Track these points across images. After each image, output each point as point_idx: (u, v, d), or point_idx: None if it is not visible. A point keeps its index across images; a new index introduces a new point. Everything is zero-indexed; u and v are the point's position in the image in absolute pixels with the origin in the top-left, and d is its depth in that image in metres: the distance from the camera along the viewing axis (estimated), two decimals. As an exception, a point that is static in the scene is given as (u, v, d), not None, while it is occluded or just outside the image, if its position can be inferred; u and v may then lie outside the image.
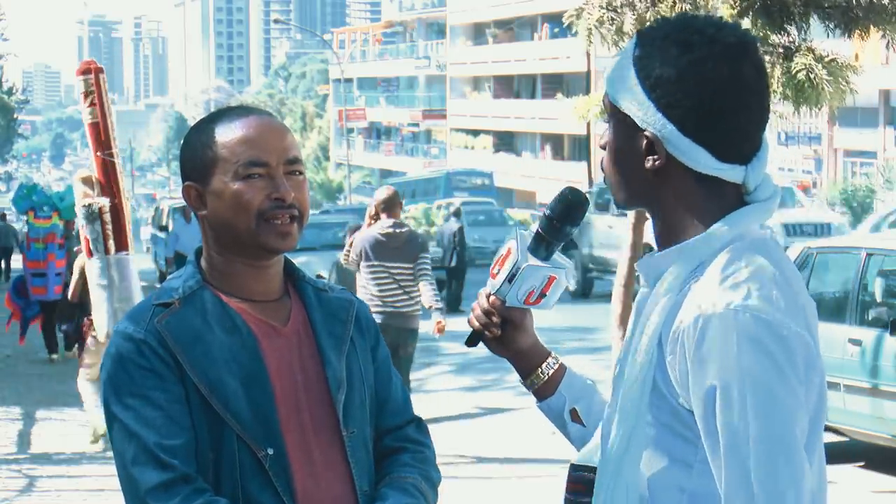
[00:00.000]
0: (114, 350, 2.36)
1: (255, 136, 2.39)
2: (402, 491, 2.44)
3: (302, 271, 2.54)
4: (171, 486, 2.27)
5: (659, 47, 2.05)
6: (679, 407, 2.00)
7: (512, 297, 2.30)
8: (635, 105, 2.05)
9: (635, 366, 2.03)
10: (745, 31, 2.10)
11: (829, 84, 10.53)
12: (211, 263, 2.45)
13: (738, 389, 1.91)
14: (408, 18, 76.71)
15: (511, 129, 61.53)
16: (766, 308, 1.94)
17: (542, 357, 2.40)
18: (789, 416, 1.93)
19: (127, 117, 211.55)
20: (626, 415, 2.03)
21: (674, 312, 2.00)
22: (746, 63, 2.04)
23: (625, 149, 2.08)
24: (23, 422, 11.69)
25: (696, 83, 2.01)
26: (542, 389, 2.39)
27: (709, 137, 2.02)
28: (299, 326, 2.45)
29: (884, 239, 10.32)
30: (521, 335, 2.36)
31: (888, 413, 8.86)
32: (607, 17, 11.05)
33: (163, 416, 2.30)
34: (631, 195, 2.12)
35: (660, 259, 2.08)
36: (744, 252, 2.00)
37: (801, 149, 46.34)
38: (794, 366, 1.94)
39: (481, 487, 8.75)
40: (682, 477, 2.02)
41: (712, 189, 2.05)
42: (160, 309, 2.38)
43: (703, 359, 1.93)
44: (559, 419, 2.39)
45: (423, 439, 2.57)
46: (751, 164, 2.06)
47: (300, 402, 2.40)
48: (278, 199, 2.37)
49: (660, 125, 2.03)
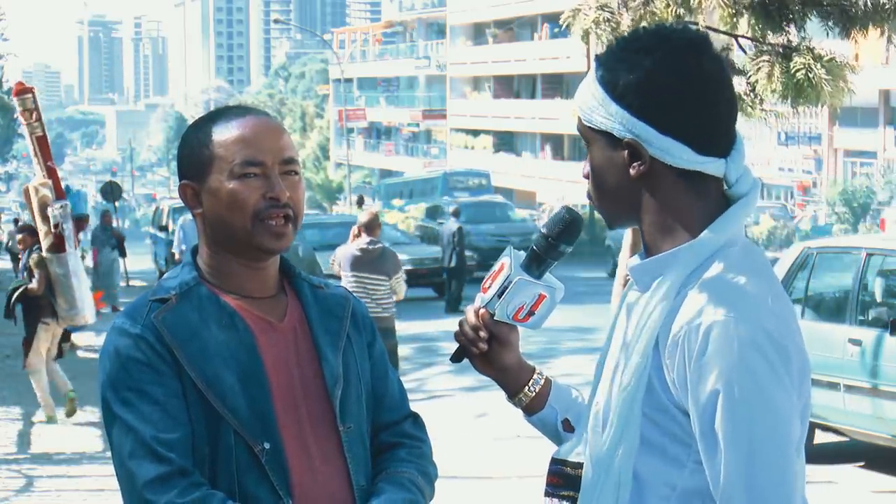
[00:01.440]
0: (111, 346, 2.37)
1: (251, 135, 2.40)
2: (399, 486, 2.45)
3: (297, 268, 2.55)
4: (167, 480, 2.27)
5: (619, 59, 2.12)
6: (674, 408, 2.05)
7: (501, 311, 2.31)
8: (609, 118, 2.11)
9: (629, 367, 2.08)
10: (696, 30, 2.17)
11: (828, 83, 10.54)
12: (207, 261, 2.46)
13: (740, 392, 1.98)
14: (408, 18, 76.73)
15: (511, 129, 61.56)
16: (765, 316, 2.01)
17: (528, 374, 2.42)
18: (785, 420, 2.00)
19: (127, 117, 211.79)
20: (620, 413, 2.08)
21: (671, 317, 2.05)
22: (706, 57, 2.11)
23: (608, 165, 2.14)
24: (23, 422, 11.69)
25: (664, 80, 2.08)
26: (531, 405, 2.42)
27: (686, 132, 2.08)
28: (296, 323, 2.46)
29: (884, 239, 10.32)
30: (506, 352, 2.37)
31: (888, 413, 8.86)
32: (603, 17, 11.07)
33: (160, 411, 2.31)
34: (620, 211, 2.17)
35: (652, 264, 2.13)
36: (738, 260, 2.07)
37: (801, 149, 46.37)
38: (790, 373, 2.02)
39: (481, 487, 8.76)
40: (673, 475, 2.07)
41: (696, 188, 2.11)
42: (157, 305, 2.39)
43: (706, 364, 1.99)
44: (552, 431, 2.42)
45: (420, 435, 2.58)
46: (730, 156, 2.12)
47: (297, 397, 2.41)
48: (273, 199, 2.38)
49: (638, 129, 2.09)
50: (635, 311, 2.13)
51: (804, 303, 9.64)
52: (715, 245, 2.08)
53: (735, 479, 1.98)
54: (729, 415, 1.97)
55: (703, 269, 2.06)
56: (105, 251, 21.51)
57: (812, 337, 8.22)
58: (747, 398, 1.97)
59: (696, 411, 2.01)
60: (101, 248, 21.57)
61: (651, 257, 2.14)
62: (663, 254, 2.11)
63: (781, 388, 1.99)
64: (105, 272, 21.49)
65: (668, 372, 2.04)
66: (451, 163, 60.82)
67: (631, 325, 2.12)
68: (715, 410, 1.99)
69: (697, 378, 2.00)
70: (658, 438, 2.07)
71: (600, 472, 2.10)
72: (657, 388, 2.06)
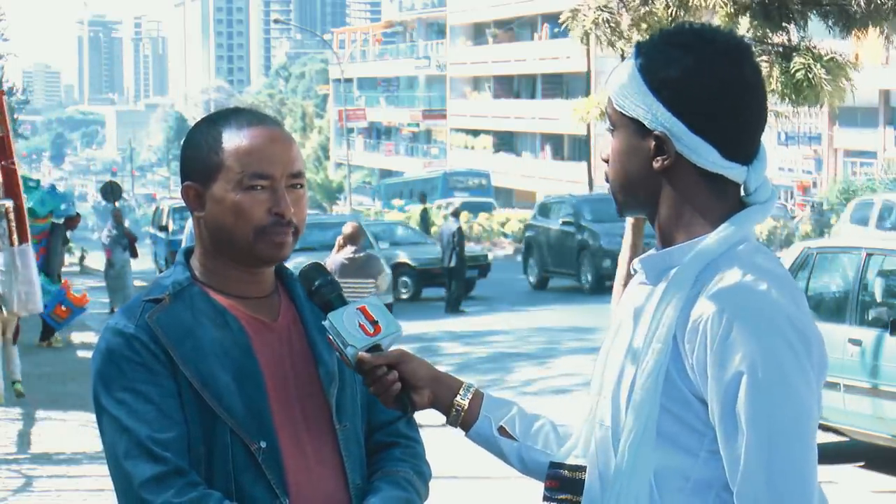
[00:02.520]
0: (104, 345, 2.36)
1: (261, 147, 2.38)
2: (395, 484, 2.45)
3: (290, 270, 2.55)
4: (164, 480, 2.27)
5: (661, 52, 2.13)
6: (691, 396, 2.07)
7: (354, 341, 2.33)
8: (643, 107, 2.12)
9: (650, 356, 2.08)
10: (740, 36, 2.21)
11: (827, 83, 10.53)
12: (202, 262, 2.45)
13: (764, 375, 2.00)
14: (408, 18, 76.71)
15: (511, 129, 61.54)
16: (789, 305, 2.04)
17: (456, 389, 2.40)
18: (807, 407, 2.03)
19: (127, 117, 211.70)
20: (642, 404, 2.09)
21: (688, 306, 2.07)
22: (746, 64, 2.13)
23: (632, 153, 2.15)
24: (23, 422, 11.69)
25: (703, 81, 2.09)
26: (466, 419, 2.40)
27: (716, 135, 2.10)
28: (289, 322, 2.46)
29: (884, 239, 10.32)
30: (416, 365, 2.37)
31: (888, 413, 8.86)
32: (602, 17, 11.07)
33: (155, 410, 2.30)
34: (636, 199, 2.19)
35: (668, 255, 2.14)
36: (754, 253, 2.10)
37: (801, 149, 46.34)
38: (811, 359, 2.06)
39: (481, 487, 8.76)
40: (686, 465, 2.08)
41: (716, 189, 2.13)
42: (150, 305, 2.39)
43: (730, 346, 2.01)
44: (489, 441, 2.40)
45: (414, 434, 2.58)
46: (752, 165, 2.14)
47: (292, 396, 2.41)
48: (278, 215, 2.38)
49: (669, 123, 2.10)
50: (646, 302, 2.14)
51: (804, 303, 9.63)
52: (732, 239, 2.10)
53: (755, 461, 2.00)
54: (752, 397, 2.00)
55: (720, 260, 2.09)
56: (117, 251, 21.25)
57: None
58: (771, 382, 2.00)
59: (717, 394, 2.03)
60: (114, 249, 21.30)
61: (664, 248, 2.15)
62: (680, 245, 2.13)
63: (803, 375, 2.03)
64: (117, 274, 21.24)
65: (686, 358, 2.06)
66: (451, 163, 60.83)
67: (646, 316, 2.12)
68: (737, 393, 2.01)
69: (720, 361, 2.02)
70: (672, 428, 2.08)
71: (623, 463, 2.10)
72: (674, 376, 2.07)
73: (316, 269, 2.44)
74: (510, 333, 18.60)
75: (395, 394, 2.35)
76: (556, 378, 14.12)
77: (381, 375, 2.34)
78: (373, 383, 2.35)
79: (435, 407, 2.40)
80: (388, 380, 2.34)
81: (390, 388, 2.34)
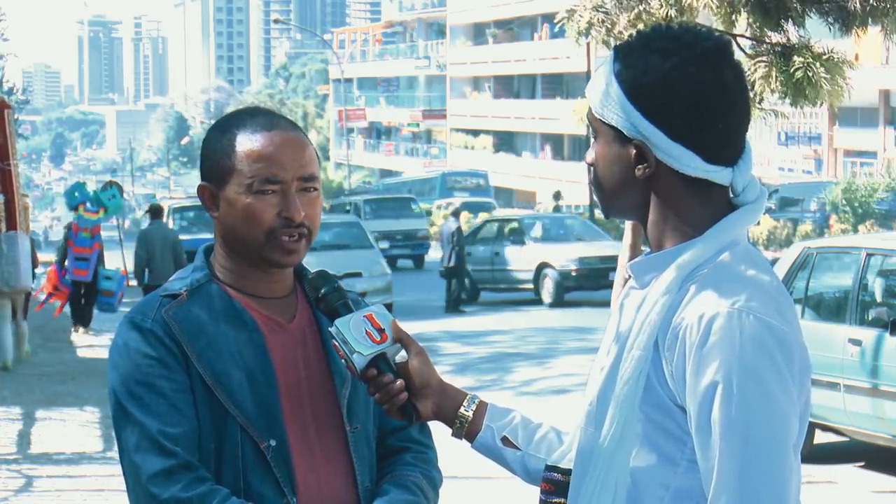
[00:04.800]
0: (120, 339, 2.39)
1: (273, 152, 2.39)
2: (403, 488, 2.46)
3: (308, 271, 2.55)
4: (172, 474, 2.28)
5: (638, 57, 2.08)
6: (671, 404, 2.04)
7: (361, 348, 2.32)
8: (621, 116, 2.08)
9: (629, 363, 2.06)
10: (721, 36, 2.14)
11: (827, 82, 10.53)
12: (221, 261, 2.47)
13: (738, 384, 1.96)
14: (408, 18, 76.73)
15: (511, 129, 61.56)
16: (769, 312, 2.00)
17: (460, 400, 2.40)
18: (783, 416, 1.98)
19: (127, 117, 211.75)
20: (620, 410, 2.06)
21: (671, 312, 2.04)
22: (726, 66, 2.08)
23: (614, 161, 2.12)
24: (23, 422, 11.68)
25: (680, 87, 2.05)
26: (471, 430, 2.39)
27: (696, 140, 2.06)
28: (305, 324, 2.48)
29: (884, 239, 10.31)
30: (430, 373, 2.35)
31: (888, 413, 8.86)
32: (597, 18, 11.06)
33: (167, 405, 2.32)
34: (622, 206, 2.16)
35: (655, 260, 2.12)
36: (741, 258, 2.07)
37: (801, 149, 46.34)
38: (791, 369, 2.00)
39: (481, 487, 8.76)
40: (667, 474, 2.05)
41: (702, 193, 2.10)
42: (167, 300, 2.41)
43: (707, 355, 1.98)
44: (493, 451, 2.39)
45: (426, 440, 2.58)
46: (737, 166, 2.11)
47: (304, 396, 2.42)
48: (288, 219, 2.39)
49: (648, 132, 2.07)
50: (633, 307, 2.11)
51: (804, 303, 9.63)
52: (719, 244, 2.07)
53: (728, 472, 1.95)
54: (726, 407, 1.95)
55: (706, 265, 2.06)
56: None
57: (812, 337, 8.22)
58: (746, 392, 1.95)
59: (693, 403, 1.99)
60: None
61: (653, 253, 2.13)
62: (666, 250, 2.11)
63: (782, 384, 1.97)
64: None
65: (666, 364, 2.03)
66: (451, 163, 60.84)
67: (626, 320, 2.11)
68: (713, 402, 1.97)
69: (697, 369, 1.98)
70: (653, 436, 2.05)
71: (601, 468, 2.08)
72: (654, 383, 2.04)
73: (322, 276, 2.44)
74: (510, 333, 18.61)
75: (400, 403, 2.33)
76: (556, 378, 14.11)
77: (387, 384, 2.32)
78: (377, 391, 2.33)
79: (438, 418, 2.39)
80: (395, 388, 2.32)
81: (396, 397, 2.32)
